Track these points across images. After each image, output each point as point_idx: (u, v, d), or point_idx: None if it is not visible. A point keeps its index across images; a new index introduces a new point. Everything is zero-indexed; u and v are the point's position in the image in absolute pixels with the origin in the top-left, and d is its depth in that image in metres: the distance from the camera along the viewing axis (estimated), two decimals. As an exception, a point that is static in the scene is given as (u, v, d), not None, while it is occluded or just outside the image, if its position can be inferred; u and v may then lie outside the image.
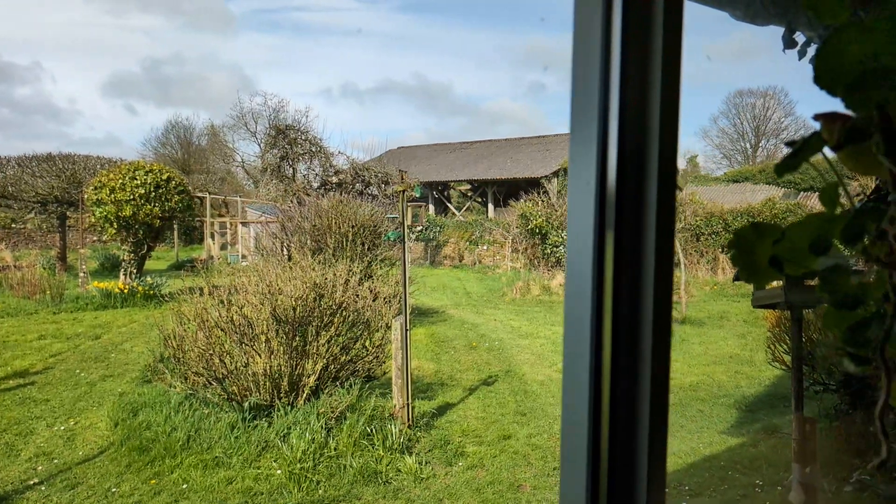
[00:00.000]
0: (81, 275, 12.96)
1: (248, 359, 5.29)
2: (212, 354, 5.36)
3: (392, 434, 4.94)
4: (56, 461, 4.99)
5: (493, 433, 5.61)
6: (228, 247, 20.19)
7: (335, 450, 4.79)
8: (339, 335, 5.55)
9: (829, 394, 5.59)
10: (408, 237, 5.91)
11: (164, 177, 13.00)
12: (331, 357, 5.48)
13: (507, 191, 26.96)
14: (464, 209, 29.48)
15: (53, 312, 11.08)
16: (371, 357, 5.86)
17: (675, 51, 0.65)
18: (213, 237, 20.12)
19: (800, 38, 1.94)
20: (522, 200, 18.61)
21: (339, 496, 4.39)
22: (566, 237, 0.72)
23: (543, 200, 18.09)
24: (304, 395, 5.32)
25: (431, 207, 28.91)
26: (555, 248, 16.59)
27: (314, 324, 5.32)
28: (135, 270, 12.96)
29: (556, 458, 5.09)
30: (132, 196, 12.44)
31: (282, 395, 5.28)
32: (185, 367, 5.61)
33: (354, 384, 5.48)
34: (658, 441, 0.69)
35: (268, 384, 5.24)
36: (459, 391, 6.92)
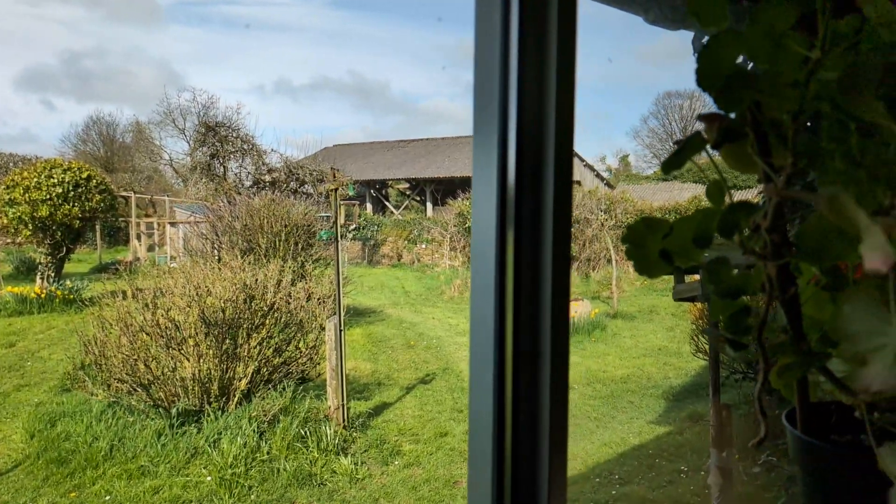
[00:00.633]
0: (-7, 279, 12.18)
1: (176, 363, 5.11)
2: (136, 360, 5.15)
3: (327, 435, 4.88)
4: (-36, 478, 4.68)
5: (430, 431, 5.63)
6: (156, 248, 19.43)
7: (268, 453, 4.69)
8: (272, 337, 5.44)
9: (749, 381, 5.88)
10: (343, 236, 5.84)
11: (84, 175, 12.36)
12: (263, 360, 5.36)
13: (446, 189, 27.05)
14: (402, 208, 29.39)
15: (-38, 320, 10.36)
16: (305, 359, 5.77)
17: (570, 55, 0.67)
18: (140, 238, 19.32)
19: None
20: (460, 199, 18.73)
21: (273, 500, 4.30)
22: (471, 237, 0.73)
23: (480, 199, 18.23)
24: (236, 399, 5.19)
25: (369, 206, 28.70)
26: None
27: (245, 326, 5.19)
28: (53, 274, 12.28)
29: (492, 453, 5.16)
30: (49, 195, 11.77)
31: (212, 400, 5.13)
32: (108, 374, 5.37)
33: (288, 386, 5.38)
34: (558, 435, 0.71)
35: (197, 389, 5.07)
36: (397, 390, 6.90)
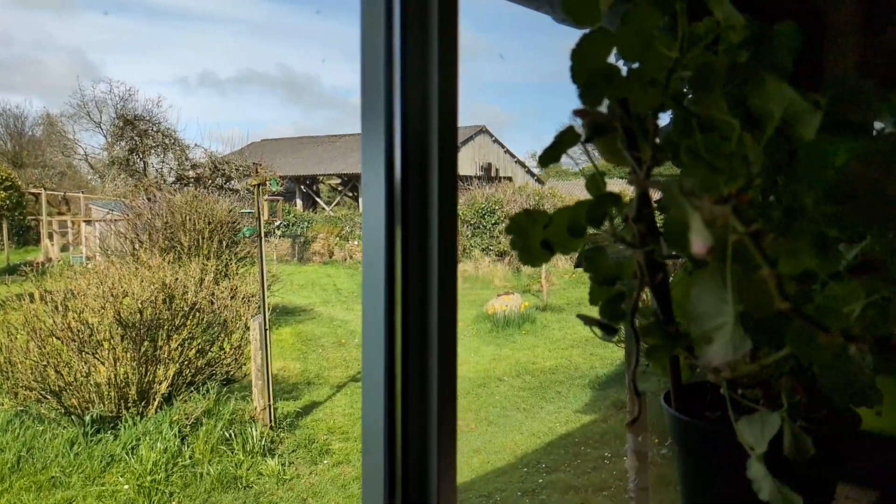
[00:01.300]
0: None
1: (90, 368, 4.87)
2: (46, 366, 4.87)
3: (253, 437, 4.77)
4: None
5: (361, 429, 5.60)
6: (71, 248, 18.40)
7: (191, 458, 4.54)
8: (194, 338, 5.26)
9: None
10: (270, 233, 5.72)
11: (-12, 171, 11.59)
12: (185, 361, 5.18)
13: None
14: (334, 204, 29.00)
15: None
16: (230, 359, 5.62)
17: (451, 53, 0.68)
18: (52, 237, 18.24)
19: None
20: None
21: (196, 506, 4.18)
22: (361, 233, 0.73)
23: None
24: (156, 404, 4.99)
25: (299, 202, 28.16)
26: (424, 242, 16.77)
27: (165, 327, 4.99)
28: (-46, 277, 11.44)
29: (422, 448, 5.19)
30: (-53, 192, 10.97)
31: (130, 405, 4.92)
32: (14, 382, 5.05)
33: (212, 388, 5.22)
34: (447, 427, 0.73)
35: (113, 394, 4.85)
36: (327, 389, 6.82)
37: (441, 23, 0.66)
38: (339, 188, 30.17)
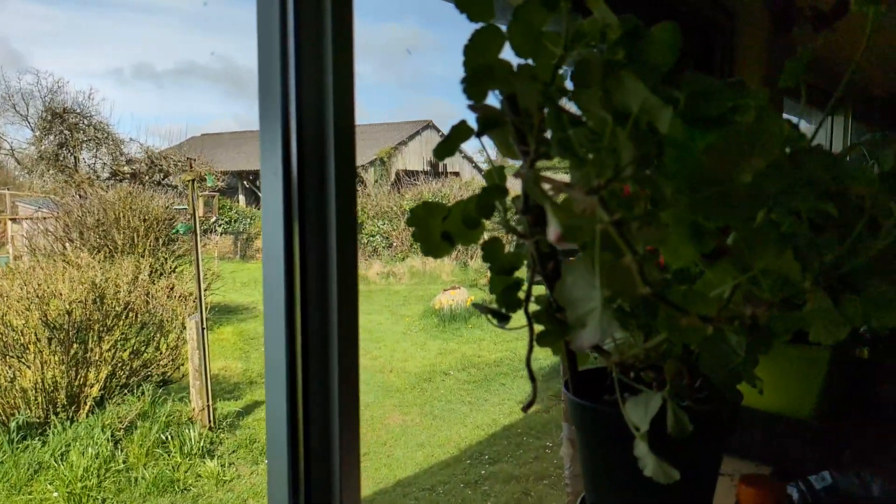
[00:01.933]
0: None
1: (15, 373, 4.65)
2: (-34, 371, 4.62)
3: (191, 439, 4.66)
4: None
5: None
6: (-4, 247, 17.46)
7: (125, 462, 4.40)
8: (128, 339, 5.09)
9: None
10: (210, 230, 5.57)
11: None
12: (118, 363, 5.01)
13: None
14: (278, 200, 28.35)
15: None
16: (166, 360, 5.46)
17: (346, 49, 0.68)
18: (-24, 236, 17.27)
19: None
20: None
21: (131, 512, 4.05)
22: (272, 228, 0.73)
23: (357, 189, 18.09)
24: (87, 407, 4.81)
25: (242, 198, 27.52)
26: (371, 238, 16.70)
27: (96, 328, 4.81)
28: None
29: (367, 444, 5.17)
30: None
31: (59, 410, 4.72)
32: (-69, 389, 4.78)
33: (147, 390, 5.06)
34: (349, 426, 0.73)
35: (41, 399, 4.65)
36: (269, 387, 6.71)
37: (335, 19, 0.66)
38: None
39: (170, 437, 4.67)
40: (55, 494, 4.07)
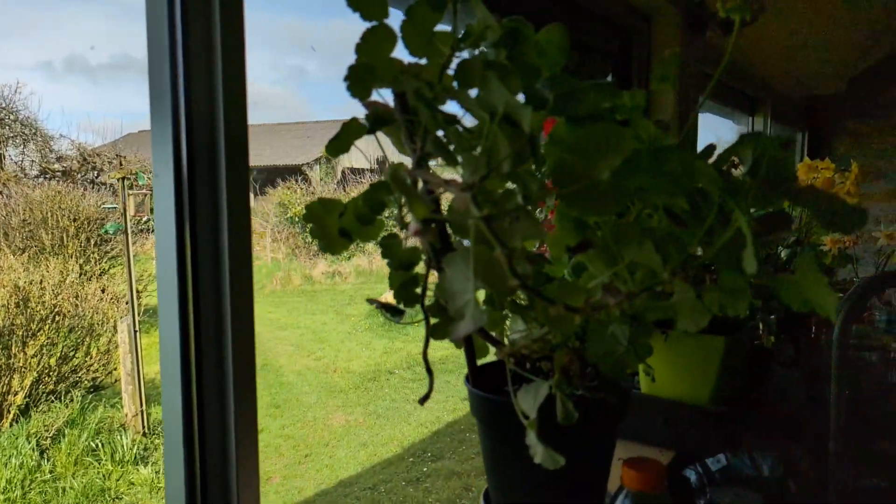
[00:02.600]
0: None
1: (-70, 382, 4.39)
2: None
3: (123, 445, 4.50)
4: None
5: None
6: (-87, 249, 16.39)
7: (51, 472, 4.22)
8: (55, 344, 4.88)
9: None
10: (147, 229, 5.40)
11: None
12: (45, 369, 4.79)
13: (267, 178, 26.01)
14: (220, 199, 27.67)
15: None
16: (97, 365, 5.26)
17: (237, 45, 0.68)
18: None
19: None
20: (281, 188, 18.14)
21: (58, 523, 3.89)
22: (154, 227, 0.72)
23: (302, 188, 17.85)
24: (11, 416, 4.59)
25: (183, 198, 26.66)
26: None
27: (19, 333, 4.59)
28: None
29: (309, 446, 5.12)
30: None
31: (-21, 420, 4.49)
32: None
33: (76, 396, 4.87)
34: (246, 425, 0.73)
35: (-41, 409, 4.41)
36: (209, 390, 6.55)
37: (223, 13, 0.66)
38: (227, 182, 28.83)
39: (100, 445, 4.50)
40: (-25, 508, 3.87)
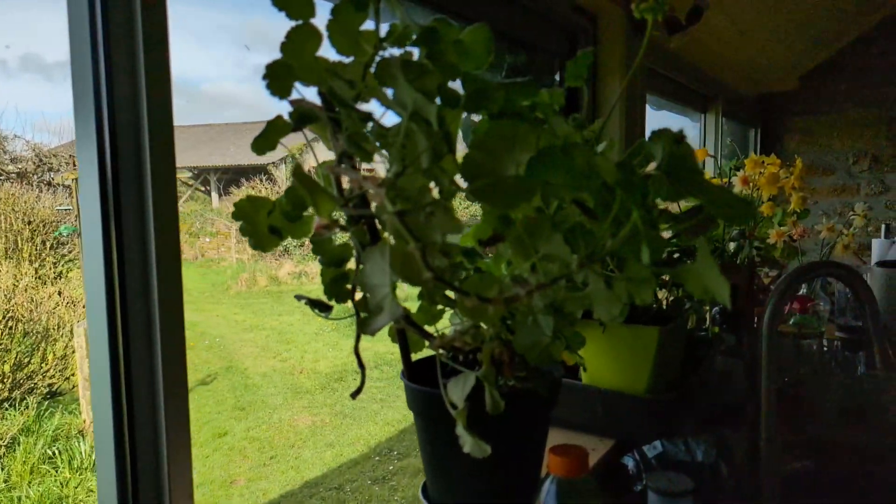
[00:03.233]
0: None
1: None
2: None
3: (81, 452, 4.40)
4: None
5: (207, 433, 5.36)
6: None
7: (6, 482, 4.11)
8: (9, 350, 4.74)
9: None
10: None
11: None
12: (-2, 376, 4.66)
13: (232, 178, 25.64)
14: (184, 199, 27.24)
15: None
16: (54, 370, 5.13)
17: (160, 39, 0.68)
18: None
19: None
20: (244, 188, 17.91)
21: (13, 534, 3.79)
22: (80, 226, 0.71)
23: (268, 187, 17.65)
24: (-37, 426, 4.45)
25: (145, 199, 26.09)
26: (282, 237, 16.30)
27: (-30, 339, 4.46)
28: None
29: (274, 447, 5.07)
30: None
31: (-71, 430, 4.34)
32: None
33: (31, 403, 4.74)
34: (178, 427, 0.73)
35: None
36: (172, 394, 6.43)
37: (145, 7, 0.66)
38: (190, 182, 28.40)
39: (57, 452, 4.40)
40: (-76, 521, 3.75)
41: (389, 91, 0.61)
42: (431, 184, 0.61)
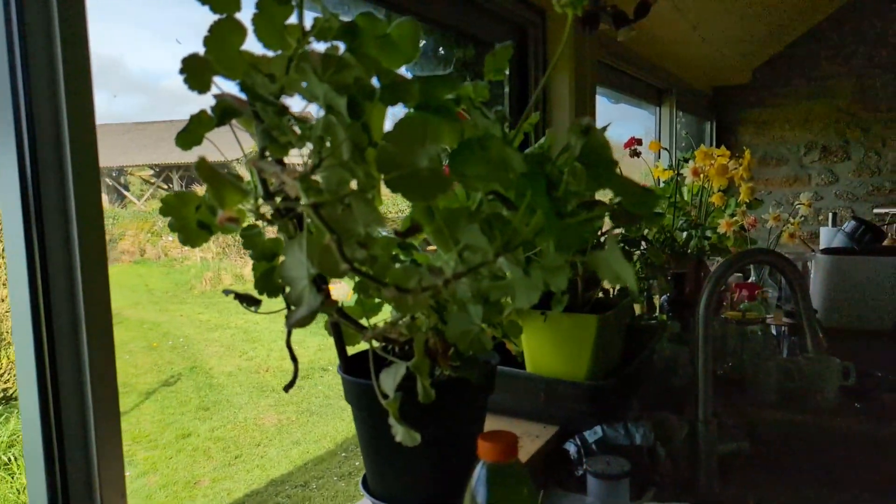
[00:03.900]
0: None
1: None
2: None
3: (39, 458, 4.29)
4: None
5: (171, 434, 5.28)
6: None
7: (-41, 491, 3.99)
8: (-40, 354, 4.60)
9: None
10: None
11: None
12: (-51, 382, 4.51)
13: (195, 175, 25.09)
14: (146, 197, 26.65)
15: None
16: (8, 375, 4.99)
17: (78, 33, 0.67)
18: None
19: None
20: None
21: (-32, 544, 3.69)
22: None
23: (232, 186, 17.36)
24: (-88, 434, 4.30)
25: (104, 197, 25.51)
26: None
27: (-83, 345, 4.31)
28: None
29: (240, 447, 5.02)
30: None
31: None
32: None
33: (-15, 409, 4.61)
34: (108, 428, 0.73)
35: None
36: (134, 397, 6.32)
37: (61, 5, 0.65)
38: (153, 180, 27.78)
39: (13, 458, 4.29)
40: None
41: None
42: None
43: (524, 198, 0.57)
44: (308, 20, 0.68)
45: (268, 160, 0.59)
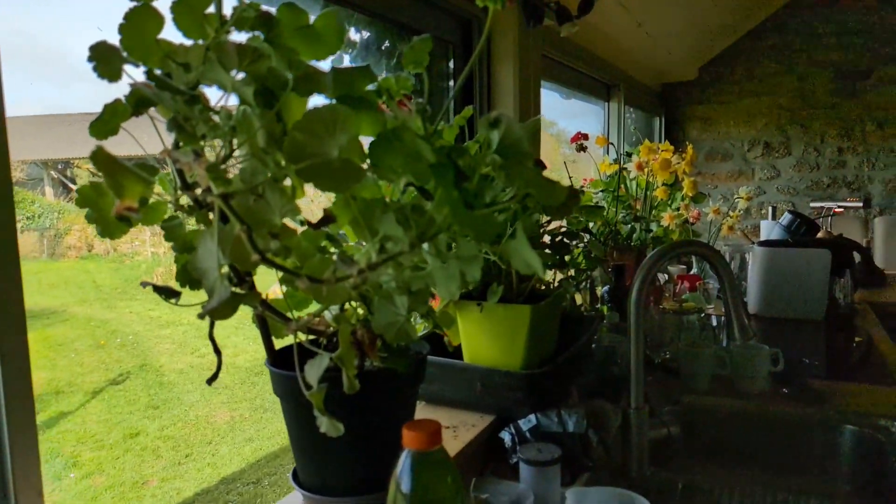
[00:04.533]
0: None
1: None
2: None
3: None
4: None
5: (118, 433, 5.14)
6: None
7: None
8: None
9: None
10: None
11: None
12: None
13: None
14: (93, 191, 25.72)
15: None
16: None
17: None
18: None
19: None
20: (160, 175, 17.13)
21: None
22: None
23: (184, 179, 16.97)
24: None
25: (49, 190, 24.59)
26: (201, 229, 15.71)
27: None
28: None
29: (190, 445, 4.93)
30: None
31: None
32: None
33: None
34: (23, 428, 0.71)
35: None
36: (80, 396, 6.13)
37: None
38: (99, 173, 26.85)
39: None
40: None
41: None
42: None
43: (439, 189, 0.58)
44: (230, 10, 0.67)
45: (184, 150, 0.58)
